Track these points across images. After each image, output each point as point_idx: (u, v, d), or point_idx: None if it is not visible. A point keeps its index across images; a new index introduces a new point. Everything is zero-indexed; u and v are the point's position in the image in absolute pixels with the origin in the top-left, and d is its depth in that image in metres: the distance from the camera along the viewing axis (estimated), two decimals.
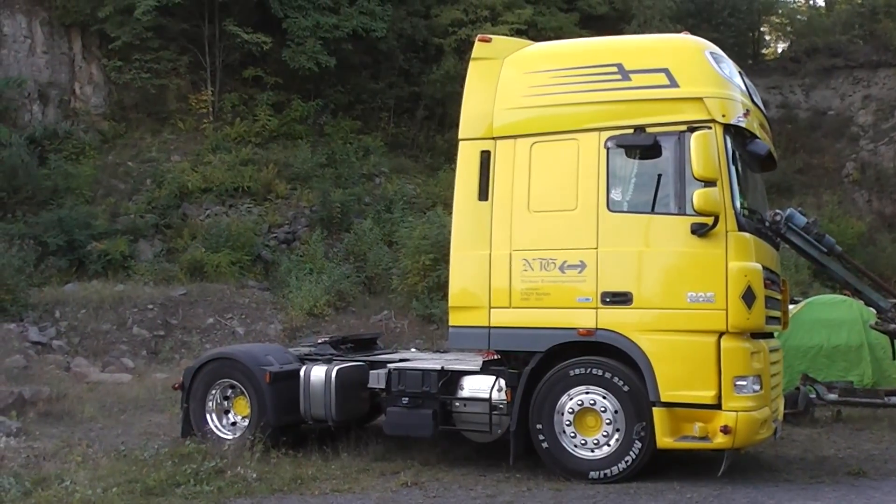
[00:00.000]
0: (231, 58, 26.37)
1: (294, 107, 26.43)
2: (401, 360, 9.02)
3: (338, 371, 8.70)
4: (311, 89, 27.01)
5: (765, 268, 7.63)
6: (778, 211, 8.81)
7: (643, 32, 22.54)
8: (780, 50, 38.35)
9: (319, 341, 9.81)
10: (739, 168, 7.64)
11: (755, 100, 8.13)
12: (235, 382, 9.10)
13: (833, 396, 10.76)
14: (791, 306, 11.97)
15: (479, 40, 8.39)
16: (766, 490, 7.17)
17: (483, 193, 8.07)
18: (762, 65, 33.71)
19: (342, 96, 27.53)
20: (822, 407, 10.96)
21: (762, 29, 38.92)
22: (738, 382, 7.16)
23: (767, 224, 8.44)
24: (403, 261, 20.32)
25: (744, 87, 7.87)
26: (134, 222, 22.60)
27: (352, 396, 8.73)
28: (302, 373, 8.83)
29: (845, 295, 12.22)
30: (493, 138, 8.08)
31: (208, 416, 9.18)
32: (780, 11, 38.88)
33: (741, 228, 7.28)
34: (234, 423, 9.19)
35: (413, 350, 10.95)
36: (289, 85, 26.70)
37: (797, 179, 24.05)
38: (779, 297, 8.37)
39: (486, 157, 8.09)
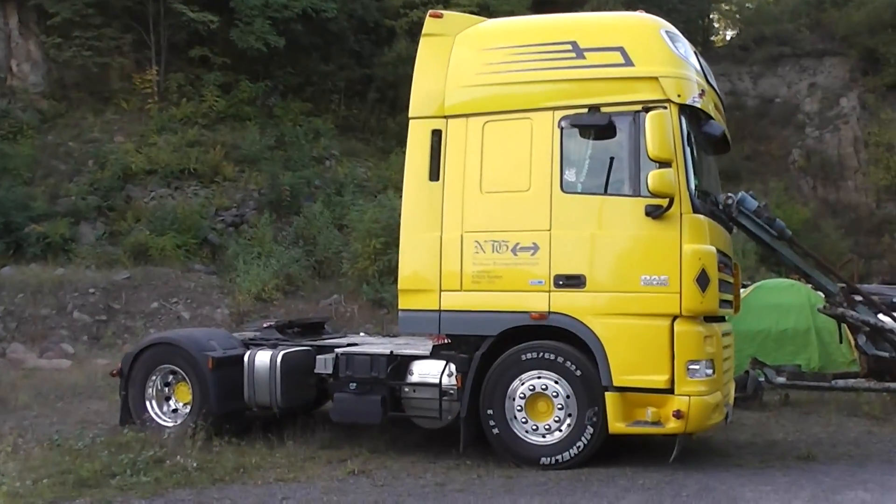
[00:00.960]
0: (177, 37, 25.64)
1: (242, 88, 25.80)
2: (349, 345, 8.78)
3: (283, 356, 8.43)
4: (260, 70, 26.41)
5: (718, 251, 7.56)
6: (730, 194, 8.76)
7: None
8: (728, 37, 38.76)
9: (265, 325, 9.52)
10: (694, 150, 7.54)
11: (710, 80, 8.03)
12: (177, 368, 8.77)
13: (781, 380, 10.82)
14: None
15: (431, 16, 8.14)
16: (717, 476, 7.11)
17: (434, 174, 7.85)
18: (711, 52, 33.90)
19: (292, 78, 26.97)
20: (770, 390, 11.01)
21: (712, 16, 39.34)
22: (692, 367, 7.08)
23: (720, 207, 8.36)
24: (354, 244, 20.04)
25: (699, 67, 7.76)
26: (75, 204, 21.86)
27: (298, 382, 8.47)
28: (246, 358, 8.53)
29: (794, 279, 12.31)
30: (445, 117, 7.85)
31: (148, 404, 8.84)
32: None
33: (696, 211, 7.18)
34: (175, 411, 8.87)
35: (362, 334, 10.70)
36: (237, 65, 26.06)
37: (745, 166, 24.32)
38: (731, 280, 8.32)
39: (437, 137, 7.87)
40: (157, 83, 25.66)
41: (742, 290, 12.10)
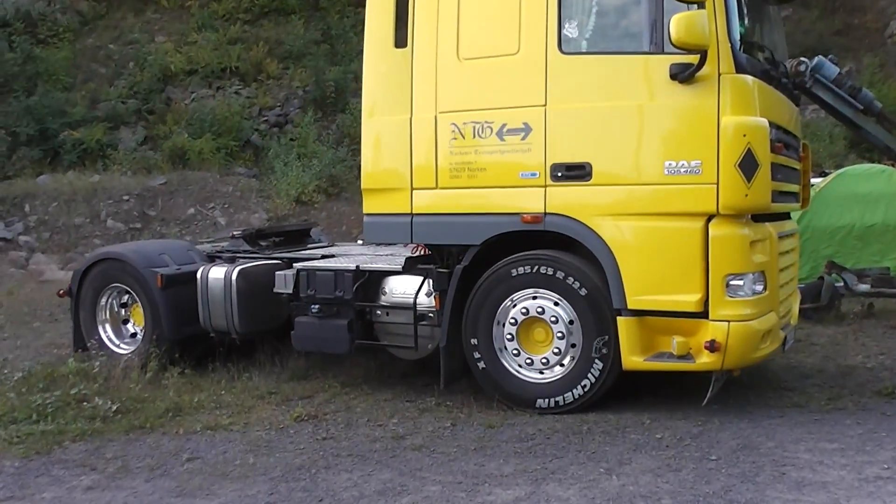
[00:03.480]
0: None
1: None
2: (323, 257, 7.29)
3: (240, 272, 7.01)
4: None
5: (777, 126, 5.63)
6: (802, 59, 6.71)
7: None
8: None
9: (233, 235, 8.08)
10: None
11: None
12: (126, 287, 7.50)
13: (864, 287, 8.82)
14: (817, 179, 9.91)
15: None
16: (764, 425, 5.38)
17: (400, 39, 6.09)
18: None
19: None
20: (850, 299, 9.04)
21: None
22: (732, 282, 5.28)
23: (786, 74, 6.35)
24: None
25: None
26: (114, 109, 20.90)
27: (259, 303, 7.04)
28: (199, 275, 7.16)
29: (886, 165, 10.09)
30: None
31: (100, 328, 7.66)
32: None
33: (740, 69, 5.22)
34: (133, 335, 7.66)
35: (360, 242, 9.09)
36: None
37: (835, 41, 21.14)
38: (797, 166, 6.38)
39: None
40: None
41: (821, 180, 10.04)
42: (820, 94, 6.77)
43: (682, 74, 5.18)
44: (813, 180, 10.37)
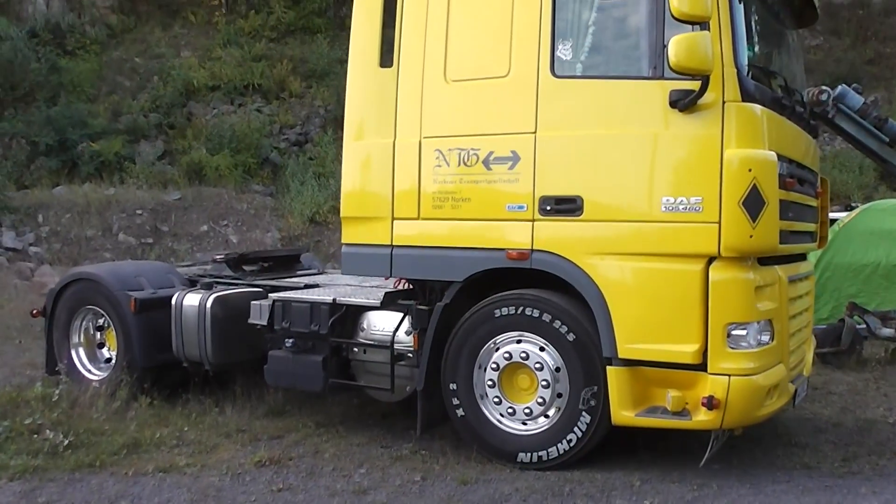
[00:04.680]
0: None
1: None
2: (305, 287, 6.88)
3: (215, 300, 6.60)
4: None
5: (788, 160, 5.12)
6: (824, 87, 6.21)
7: None
8: None
9: (215, 259, 7.69)
10: (752, 8, 5.05)
11: None
12: (100, 310, 7.14)
13: (888, 331, 8.21)
14: (841, 214, 9.32)
15: None
16: (767, 491, 4.83)
17: (386, 57, 5.69)
18: None
19: None
20: (873, 343, 8.42)
21: None
22: (735, 332, 4.76)
23: (806, 104, 5.85)
24: None
25: None
26: (136, 121, 20.83)
27: (234, 334, 6.60)
28: (173, 301, 6.77)
29: None
30: None
31: (73, 351, 7.31)
32: None
33: (748, 97, 4.73)
34: (108, 360, 7.29)
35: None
36: None
37: (867, 71, 20.49)
38: (813, 203, 5.85)
39: (390, 6, 5.69)
40: None
41: (845, 215, 9.45)
42: (843, 125, 6.31)
43: (683, 102, 4.70)
44: (838, 215, 9.79)
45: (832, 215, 9.86)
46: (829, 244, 9.04)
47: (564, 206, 5.08)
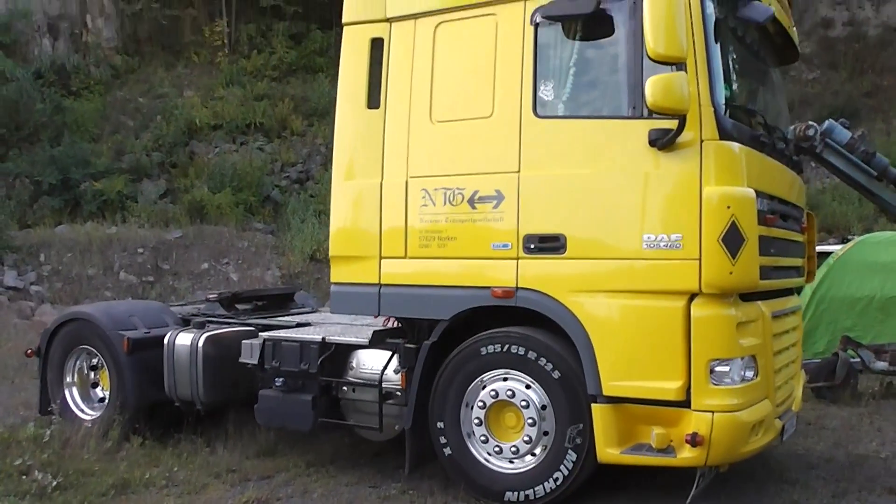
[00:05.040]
0: None
1: (313, 38, 24.42)
2: (297, 325, 6.91)
3: (207, 339, 6.64)
4: (332, 18, 24.75)
5: (769, 196, 5.17)
6: (811, 123, 6.27)
7: None
8: None
9: (208, 298, 7.74)
10: (729, 48, 5.14)
11: None
12: (94, 350, 7.18)
13: (883, 365, 8.18)
14: (836, 247, 9.34)
15: None
16: None
17: (373, 99, 5.78)
18: None
19: None
20: (868, 377, 8.38)
21: None
22: (718, 368, 4.78)
23: (789, 140, 5.92)
24: None
25: None
26: (138, 160, 21.06)
27: (226, 373, 6.64)
28: (166, 340, 6.81)
29: None
30: (388, 20, 5.75)
31: (67, 391, 7.34)
32: None
33: (725, 136, 4.79)
34: (102, 400, 7.32)
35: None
36: (308, 14, 24.61)
37: (864, 103, 20.65)
38: (799, 238, 5.88)
39: (377, 49, 5.79)
40: (228, 35, 24.59)
41: (840, 247, 9.48)
42: (831, 160, 6.37)
43: (661, 141, 4.77)
44: (833, 248, 9.81)
45: (830, 248, 9.91)
46: (825, 277, 9.07)
47: (548, 245, 5.13)
